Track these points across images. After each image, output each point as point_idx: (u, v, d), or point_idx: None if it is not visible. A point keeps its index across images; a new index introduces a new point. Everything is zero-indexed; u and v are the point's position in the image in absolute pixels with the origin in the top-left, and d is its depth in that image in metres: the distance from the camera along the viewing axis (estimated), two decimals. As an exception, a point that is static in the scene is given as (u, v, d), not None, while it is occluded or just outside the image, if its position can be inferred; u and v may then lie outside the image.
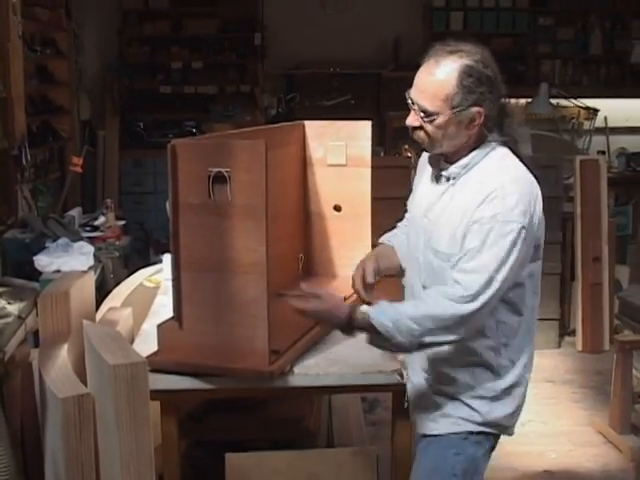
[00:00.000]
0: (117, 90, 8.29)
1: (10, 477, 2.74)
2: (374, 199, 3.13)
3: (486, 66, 2.25)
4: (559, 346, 5.88)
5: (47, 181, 6.53)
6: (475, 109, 2.24)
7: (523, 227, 2.22)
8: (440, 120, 2.24)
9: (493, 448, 2.45)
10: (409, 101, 2.30)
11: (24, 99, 5.72)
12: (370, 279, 2.56)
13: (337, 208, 3.19)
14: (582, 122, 8.37)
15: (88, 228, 5.32)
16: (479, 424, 2.38)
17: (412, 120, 2.31)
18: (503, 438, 2.47)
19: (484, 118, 2.26)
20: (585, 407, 4.88)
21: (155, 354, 2.44)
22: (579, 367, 5.53)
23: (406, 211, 2.69)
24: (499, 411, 2.38)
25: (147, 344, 2.57)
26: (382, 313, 2.24)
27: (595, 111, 8.17)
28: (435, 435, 2.44)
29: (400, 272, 2.65)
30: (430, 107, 2.24)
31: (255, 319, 2.33)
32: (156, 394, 2.30)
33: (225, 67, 8.57)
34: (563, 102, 8.07)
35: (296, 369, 2.47)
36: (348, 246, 3.25)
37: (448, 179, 2.36)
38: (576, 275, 5.84)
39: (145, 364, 2.08)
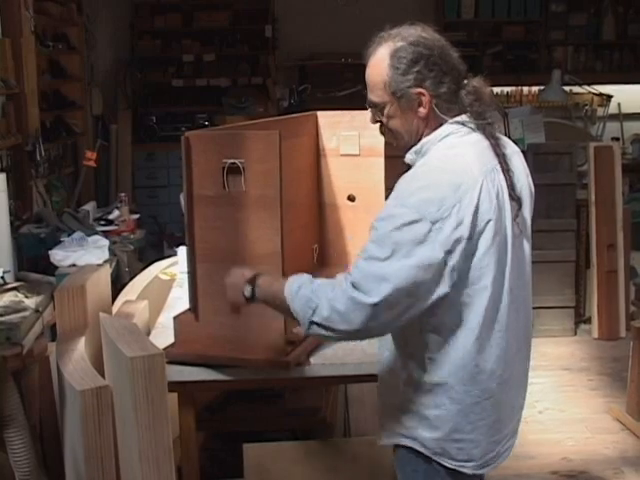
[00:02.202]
0: (129, 84, 8.31)
1: (30, 470, 2.75)
2: (388, 189, 3.12)
3: (418, 44, 2.09)
4: (575, 334, 5.86)
5: (61, 176, 6.55)
6: (416, 90, 2.09)
7: (420, 220, 1.97)
8: (387, 109, 2.14)
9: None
10: (366, 103, 2.22)
11: (37, 95, 5.74)
12: None
13: (351, 198, 3.18)
14: (595, 109, 8.33)
15: (102, 222, 5.34)
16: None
17: (370, 119, 2.22)
18: (523, 426, 2.34)
19: (431, 98, 2.11)
20: (602, 394, 4.87)
21: (172, 346, 2.45)
22: (595, 354, 5.51)
23: None
24: (424, 431, 2.14)
25: (163, 337, 2.58)
26: (295, 278, 2.09)
27: (608, 97, 8.14)
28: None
29: None
30: (375, 99, 2.16)
31: (271, 310, 2.33)
32: (173, 386, 2.32)
33: (237, 59, 8.57)
34: (576, 89, 8.04)
35: (312, 359, 2.47)
36: (362, 237, 3.23)
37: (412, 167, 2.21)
38: (591, 262, 5.82)
39: (162, 356, 2.09)
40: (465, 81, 2.15)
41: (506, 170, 2.12)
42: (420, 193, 1.99)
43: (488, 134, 2.14)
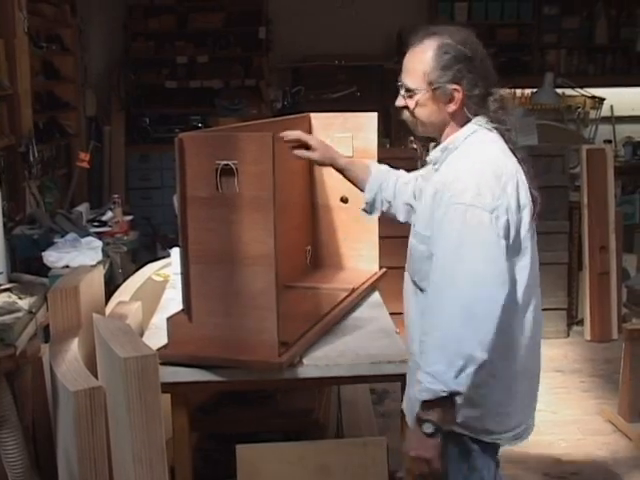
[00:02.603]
0: (123, 85, 8.30)
1: (23, 471, 2.75)
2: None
3: (465, 45, 2.25)
4: (567, 335, 5.87)
5: (54, 177, 6.55)
6: (452, 86, 2.25)
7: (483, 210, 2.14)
8: (419, 97, 2.28)
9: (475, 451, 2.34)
10: (399, 84, 2.35)
11: (30, 96, 5.74)
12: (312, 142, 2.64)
13: (344, 200, 3.19)
14: (588, 111, 8.34)
15: (96, 223, 5.33)
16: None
17: (398, 101, 2.35)
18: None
19: (464, 97, 2.26)
20: (594, 396, 4.88)
21: (165, 347, 2.45)
22: (588, 356, 5.53)
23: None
24: (466, 411, 2.22)
25: (156, 338, 2.58)
26: (419, 381, 2.14)
27: (601, 100, 8.15)
28: None
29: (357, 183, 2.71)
30: (410, 84, 2.29)
31: (264, 311, 2.34)
32: (166, 387, 2.32)
33: (230, 61, 8.56)
34: (569, 92, 8.05)
35: (305, 360, 2.48)
36: (355, 238, 3.26)
37: (434, 164, 2.38)
38: (583, 264, 5.84)
39: (156, 357, 2.09)
40: (493, 89, 2.31)
41: (526, 172, 2.30)
42: (473, 188, 2.15)
43: (507, 139, 2.31)
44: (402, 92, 2.32)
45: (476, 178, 2.17)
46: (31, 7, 5.90)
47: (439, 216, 2.19)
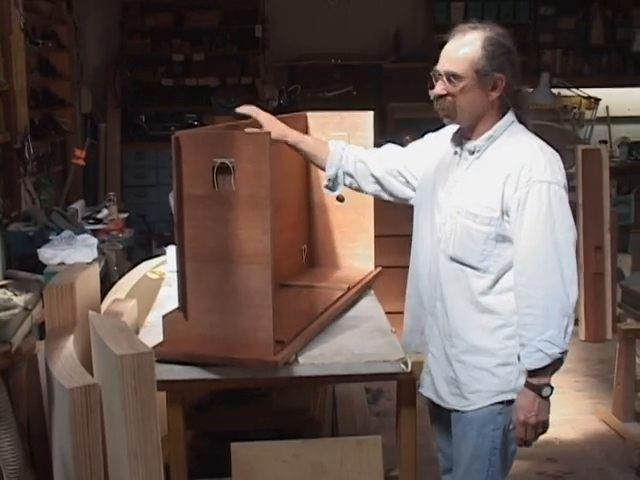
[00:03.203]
0: (118, 83, 8.29)
1: (18, 468, 2.75)
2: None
3: (506, 39, 2.43)
4: (562, 335, 5.87)
5: (50, 174, 6.53)
6: (497, 74, 2.39)
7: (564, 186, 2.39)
8: (465, 83, 2.39)
9: None
10: (434, 75, 2.45)
11: (26, 92, 5.72)
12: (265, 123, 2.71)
13: (340, 199, 3.19)
14: (584, 112, 8.35)
15: (91, 221, 5.33)
16: (510, 392, 2.44)
17: (439, 89, 2.44)
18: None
19: (506, 86, 2.41)
20: (589, 396, 4.90)
21: (160, 345, 2.45)
22: (582, 356, 5.54)
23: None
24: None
25: (152, 335, 2.58)
26: (532, 352, 2.36)
27: (597, 100, 8.17)
28: (466, 412, 2.51)
29: (312, 158, 2.80)
30: (457, 70, 2.39)
31: (260, 309, 2.33)
32: (162, 385, 2.32)
33: (226, 59, 8.57)
34: (565, 92, 8.06)
35: (301, 359, 2.48)
36: (351, 237, 3.26)
37: (472, 152, 2.48)
38: (578, 264, 5.83)
39: (152, 354, 2.09)
40: (522, 87, 2.50)
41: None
42: (548, 167, 2.37)
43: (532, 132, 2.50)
44: (445, 81, 2.42)
45: (546, 158, 2.38)
46: (27, 4, 5.88)
47: (520, 195, 2.35)
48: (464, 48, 2.41)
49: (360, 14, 8.43)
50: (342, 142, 2.83)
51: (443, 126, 2.65)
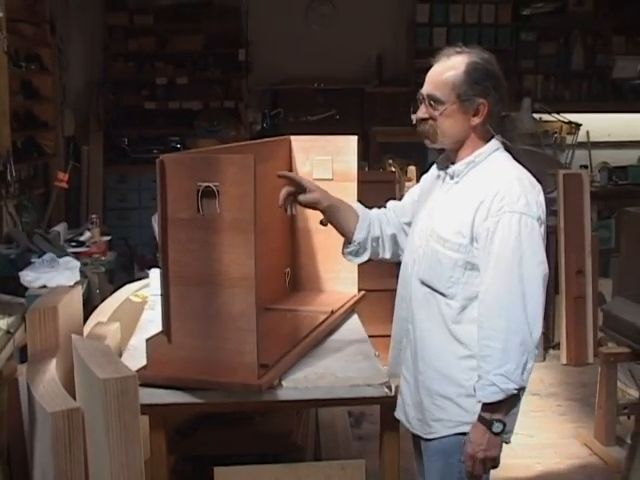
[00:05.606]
0: (102, 106, 8.29)
1: (-2, 493, 2.73)
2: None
3: (492, 65, 2.42)
4: (544, 359, 5.90)
5: (32, 197, 6.50)
6: (480, 100, 2.38)
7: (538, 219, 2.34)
8: (446, 107, 2.39)
9: None
10: (418, 98, 2.46)
11: (9, 115, 5.71)
12: (306, 185, 2.65)
13: (323, 223, 3.19)
14: (564, 137, 8.42)
15: (74, 243, 5.31)
16: (469, 424, 2.38)
17: (421, 113, 2.44)
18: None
19: (488, 112, 2.39)
20: (570, 419, 4.91)
21: (144, 368, 2.44)
22: (564, 380, 5.56)
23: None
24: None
25: (135, 359, 2.57)
26: (487, 385, 2.30)
27: (577, 126, 8.23)
28: (430, 439, 2.48)
29: (343, 229, 2.72)
30: (438, 93, 2.39)
31: (244, 333, 2.33)
32: (145, 408, 2.30)
33: (210, 83, 8.59)
34: (546, 117, 8.12)
35: (285, 382, 2.48)
36: (334, 260, 3.26)
37: (452, 177, 2.47)
38: (560, 288, 5.87)
39: (135, 378, 2.08)
40: (507, 112, 2.48)
41: None
42: (522, 197, 2.32)
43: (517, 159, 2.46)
44: (427, 105, 2.42)
45: (522, 188, 2.33)
46: (11, 26, 5.88)
47: (490, 224, 2.32)
48: (447, 72, 2.41)
49: (343, 39, 8.48)
50: (361, 205, 2.78)
51: (425, 151, 2.67)
